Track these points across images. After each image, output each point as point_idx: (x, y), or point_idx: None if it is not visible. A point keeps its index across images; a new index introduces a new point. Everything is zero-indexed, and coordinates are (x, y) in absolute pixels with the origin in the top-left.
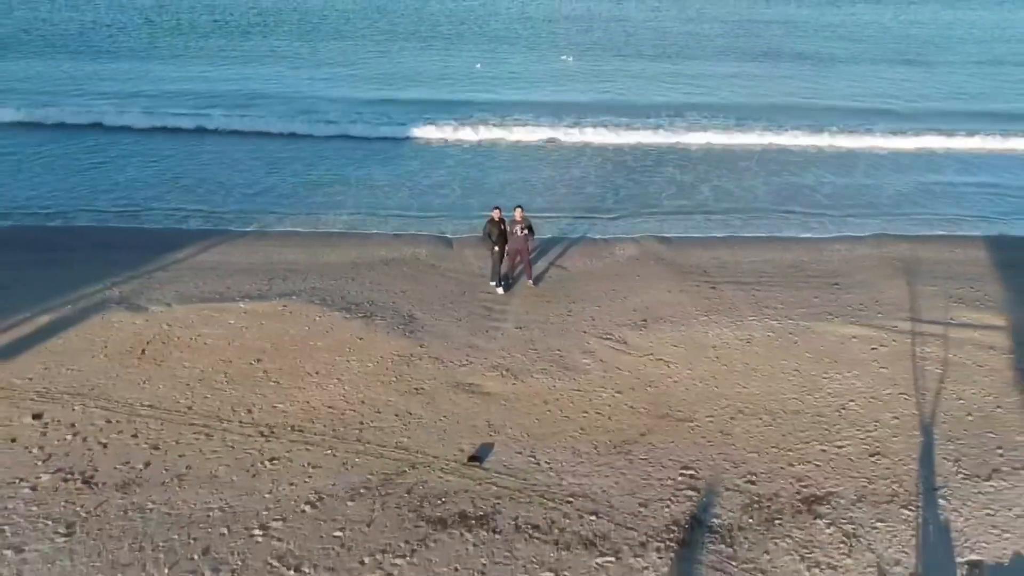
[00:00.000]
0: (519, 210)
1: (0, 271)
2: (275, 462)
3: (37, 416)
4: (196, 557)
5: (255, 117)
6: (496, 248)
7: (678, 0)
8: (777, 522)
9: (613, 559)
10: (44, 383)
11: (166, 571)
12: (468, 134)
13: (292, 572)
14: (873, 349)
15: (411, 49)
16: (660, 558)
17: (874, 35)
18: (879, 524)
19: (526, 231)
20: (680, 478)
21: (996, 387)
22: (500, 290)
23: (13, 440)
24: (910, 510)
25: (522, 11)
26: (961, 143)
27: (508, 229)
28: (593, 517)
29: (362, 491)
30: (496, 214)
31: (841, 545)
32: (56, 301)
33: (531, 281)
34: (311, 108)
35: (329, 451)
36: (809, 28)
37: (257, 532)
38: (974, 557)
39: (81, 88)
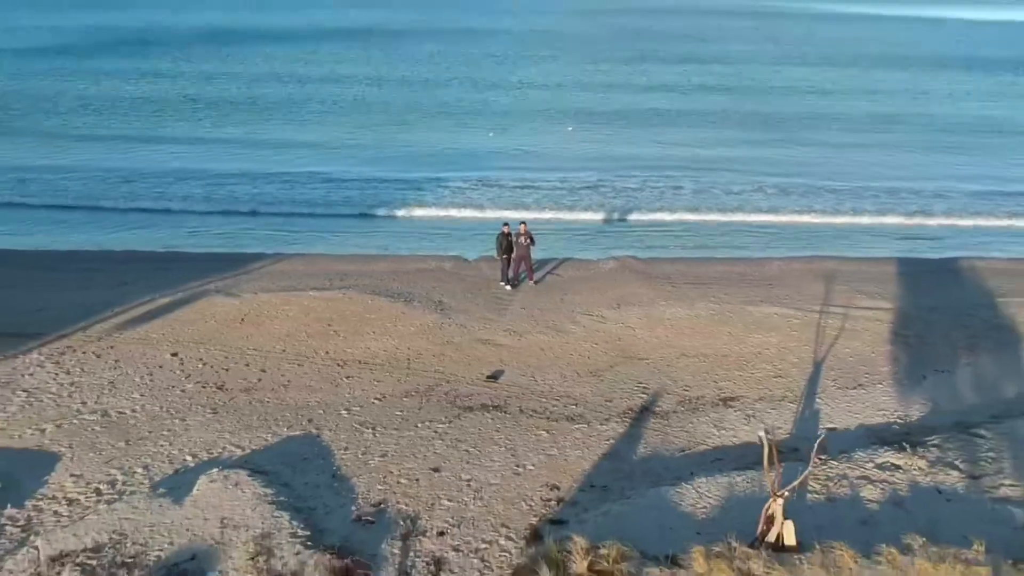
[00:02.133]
0: (523, 225)
1: (123, 274)
2: (350, 378)
3: (174, 354)
4: (305, 423)
5: (296, 203)
6: (504, 255)
7: (673, 93)
8: (700, 410)
9: (586, 426)
10: (173, 336)
11: (285, 429)
12: (477, 205)
13: (369, 430)
14: (788, 321)
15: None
16: (618, 426)
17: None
18: (771, 411)
19: (528, 241)
20: (636, 388)
21: (874, 342)
22: (508, 287)
23: (160, 367)
24: (794, 405)
25: (530, 96)
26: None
27: (514, 240)
28: (574, 406)
29: (412, 393)
30: (505, 229)
31: (743, 421)
32: (169, 291)
33: (532, 282)
34: (347, 186)
35: (387, 374)
36: (809, 114)
37: (344, 412)
38: (831, 425)
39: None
